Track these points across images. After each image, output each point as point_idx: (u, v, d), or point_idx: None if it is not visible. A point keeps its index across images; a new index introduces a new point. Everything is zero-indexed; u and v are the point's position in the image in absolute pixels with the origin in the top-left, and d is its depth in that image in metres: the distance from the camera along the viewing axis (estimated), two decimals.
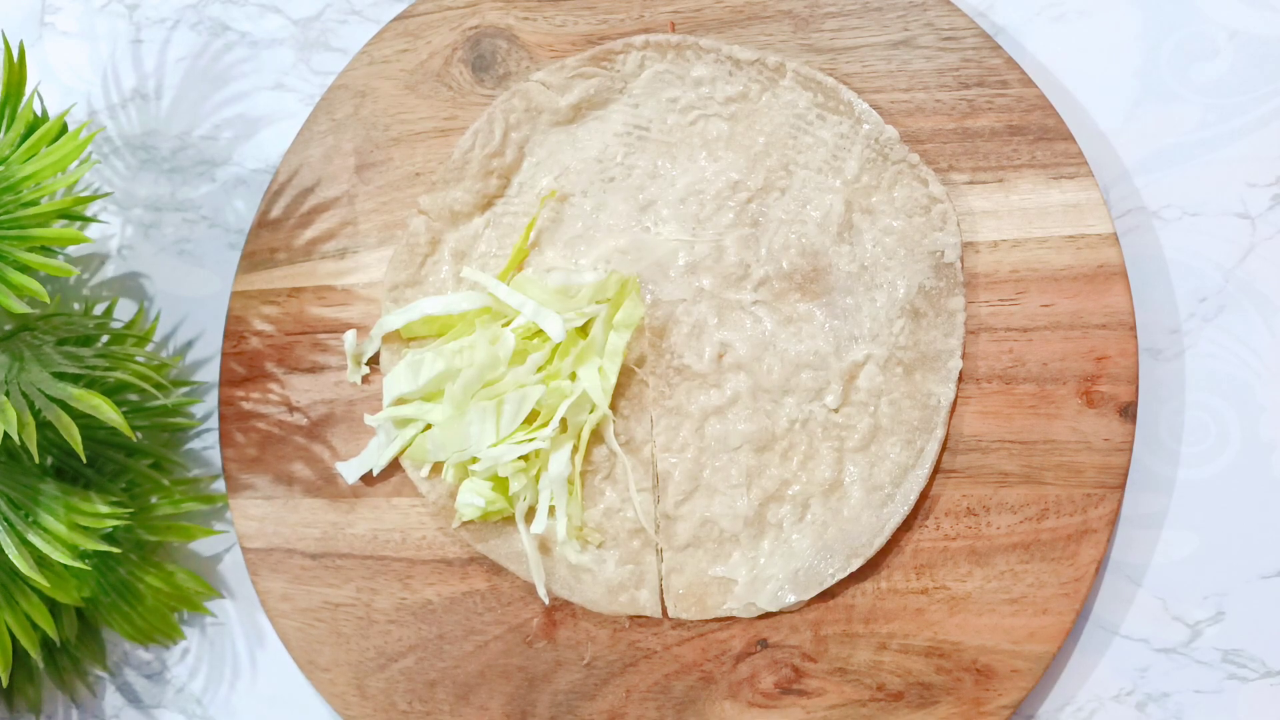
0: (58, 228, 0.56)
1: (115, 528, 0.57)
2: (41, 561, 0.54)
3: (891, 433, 0.52)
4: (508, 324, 0.56)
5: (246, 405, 0.61)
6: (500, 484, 0.55)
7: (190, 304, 0.66)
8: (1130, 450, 0.49)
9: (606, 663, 0.55)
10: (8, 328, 0.58)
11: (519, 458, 0.54)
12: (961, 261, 0.52)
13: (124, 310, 0.67)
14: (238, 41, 0.67)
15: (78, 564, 0.54)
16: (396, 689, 0.57)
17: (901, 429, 0.51)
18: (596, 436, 0.55)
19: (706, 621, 0.54)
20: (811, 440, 0.52)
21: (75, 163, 0.55)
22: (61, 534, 0.54)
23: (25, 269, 0.52)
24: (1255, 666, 0.50)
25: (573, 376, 0.55)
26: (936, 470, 0.51)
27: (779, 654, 0.53)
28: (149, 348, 0.64)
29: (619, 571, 0.54)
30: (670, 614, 0.54)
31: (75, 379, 0.54)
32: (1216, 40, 0.53)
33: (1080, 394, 0.50)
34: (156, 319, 0.65)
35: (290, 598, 0.59)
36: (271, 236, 0.62)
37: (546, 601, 0.55)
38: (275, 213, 0.62)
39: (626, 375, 0.55)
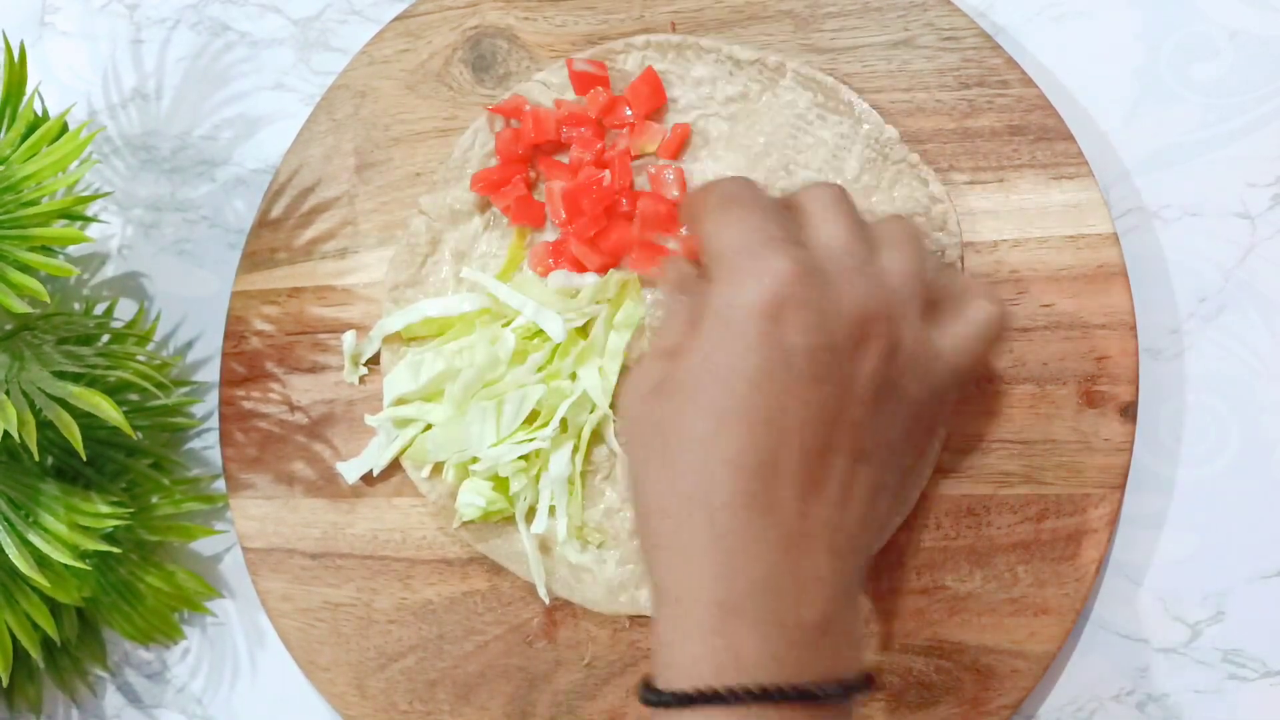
0: (58, 227, 0.56)
1: (115, 527, 0.57)
2: (42, 561, 0.54)
3: None
4: (508, 324, 0.56)
5: (247, 405, 0.61)
6: (501, 484, 0.55)
7: (190, 304, 0.66)
8: (1130, 450, 0.49)
9: (607, 663, 0.55)
10: (8, 327, 0.58)
11: (519, 458, 0.54)
12: (962, 261, 0.52)
13: (124, 310, 0.67)
14: (238, 41, 0.67)
15: (78, 564, 0.54)
16: (396, 689, 0.57)
17: None
18: (597, 436, 0.55)
19: None
20: None
21: (75, 162, 0.55)
22: (62, 534, 0.54)
23: (25, 268, 0.52)
24: (1255, 666, 0.50)
25: (573, 377, 0.55)
26: (936, 470, 0.51)
27: None
28: (149, 347, 0.64)
29: (619, 571, 0.54)
30: None
31: (76, 378, 0.54)
32: (1216, 40, 0.53)
33: (1080, 394, 0.50)
34: (157, 319, 0.65)
35: (290, 598, 0.59)
36: (271, 236, 0.62)
37: (547, 601, 0.55)
38: (275, 213, 0.62)
39: (627, 375, 0.55)
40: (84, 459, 0.54)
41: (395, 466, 0.58)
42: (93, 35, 0.70)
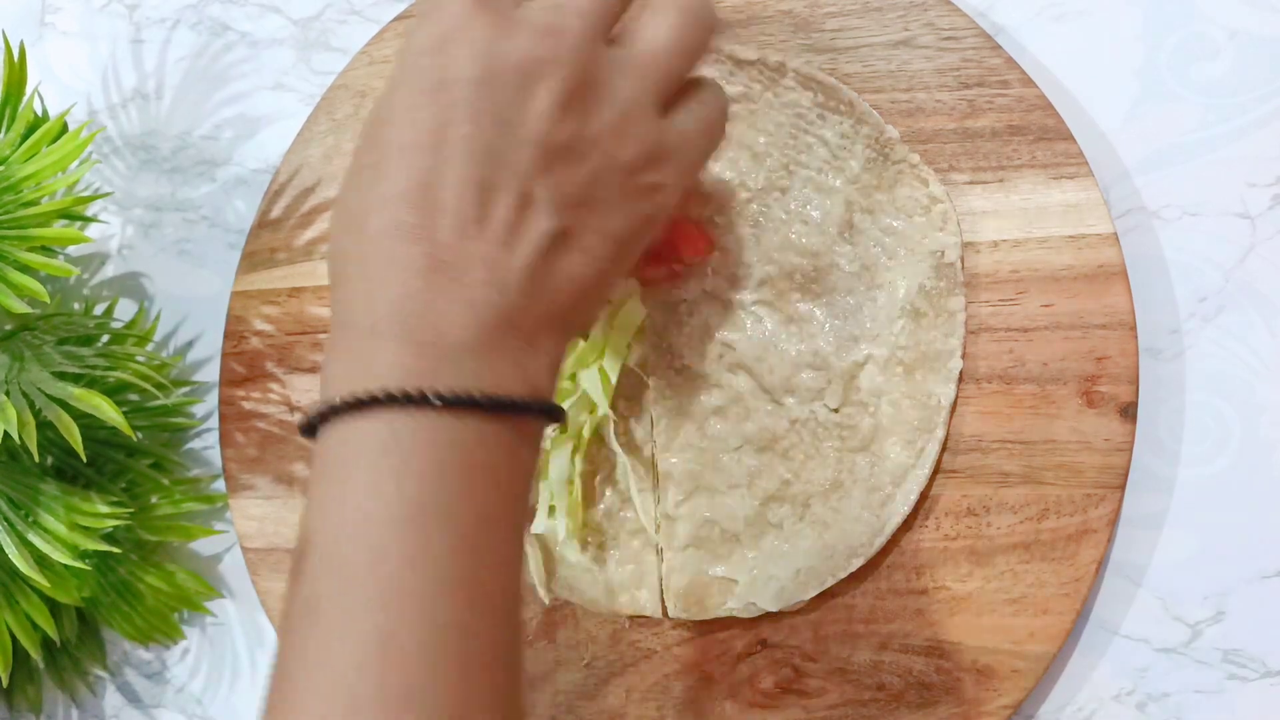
0: (58, 228, 0.56)
1: (115, 528, 0.57)
2: (41, 561, 0.54)
3: (892, 433, 0.52)
4: None
5: (247, 405, 0.61)
6: None
7: (190, 304, 0.66)
8: (1130, 450, 0.49)
9: (607, 663, 0.55)
10: (8, 328, 0.58)
11: None
12: (962, 261, 0.52)
13: (124, 310, 0.67)
14: (238, 41, 0.67)
15: (78, 564, 0.54)
16: None
17: (902, 429, 0.51)
18: (597, 437, 0.55)
19: (707, 621, 0.54)
20: (812, 440, 0.52)
21: (75, 162, 0.55)
22: (61, 534, 0.54)
23: (25, 269, 0.52)
24: (1255, 666, 0.50)
25: (572, 378, 0.55)
26: (937, 470, 0.51)
27: (779, 654, 0.53)
28: (149, 347, 0.64)
29: (619, 571, 0.54)
30: (670, 614, 0.54)
31: (75, 378, 0.54)
32: (1216, 40, 0.53)
33: (1080, 394, 0.50)
34: (157, 319, 0.65)
35: None
36: (272, 236, 0.62)
37: (546, 602, 0.55)
38: (275, 213, 0.62)
39: (627, 376, 0.55)
40: (84, 459, 0.54)
41: None
42: (93, 35, 0.70)
